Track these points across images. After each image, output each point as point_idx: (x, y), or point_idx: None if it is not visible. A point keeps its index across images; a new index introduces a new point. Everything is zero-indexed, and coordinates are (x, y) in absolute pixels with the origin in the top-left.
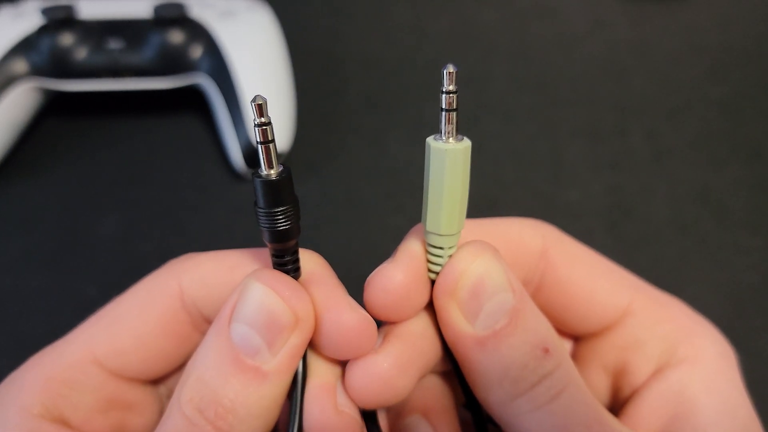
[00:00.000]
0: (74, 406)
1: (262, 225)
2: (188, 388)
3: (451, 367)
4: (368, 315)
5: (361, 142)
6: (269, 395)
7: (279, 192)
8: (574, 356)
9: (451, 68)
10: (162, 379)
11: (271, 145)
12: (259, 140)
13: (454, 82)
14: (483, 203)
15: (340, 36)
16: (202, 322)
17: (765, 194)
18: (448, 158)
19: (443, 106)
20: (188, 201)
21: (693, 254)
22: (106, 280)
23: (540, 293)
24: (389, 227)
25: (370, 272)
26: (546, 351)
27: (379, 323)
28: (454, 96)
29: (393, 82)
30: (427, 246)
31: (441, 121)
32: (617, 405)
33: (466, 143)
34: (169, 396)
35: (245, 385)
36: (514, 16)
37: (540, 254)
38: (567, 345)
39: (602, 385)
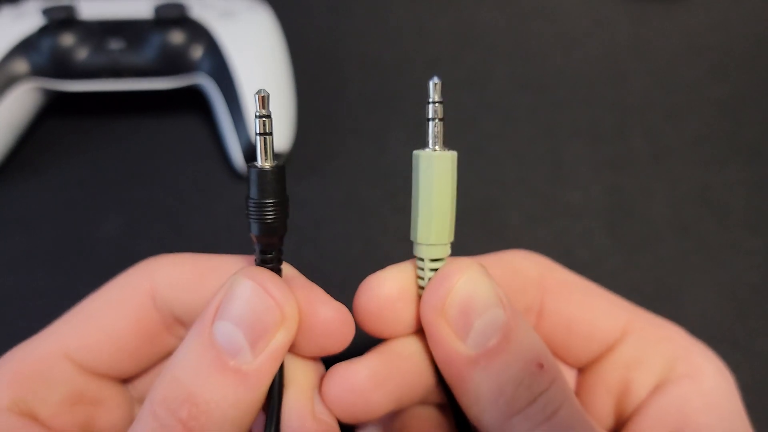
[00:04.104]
0: (43, 400)
1: (252, 216)
2: (162, 388)
3: (445, 398)
4: (344, 307)
5: (361, 142)
6: (246, 399)
7: (271, 183)
8: (579, 386)
9: (436, 80)
10: (133, 379)
11: (268, 138)
12: (258, 131)
13: (439, 93)
14: (483, 204)
15: (340, 36)
16: (174, 324)
17: (765, 194)
18: (423, 163)
19: (429, 116)
20: (188, 201)
21: (693, 255)
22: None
23: (541, 322)
24: (389, 227)
25: (371, 272)
26: (540, 366)
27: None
28: (440, 106)
29: (393, 82)
30: (416, 259)
31: (428, 131)
32: (620, 425)
33: (450, 153)
34: (140, 398)
35: (223, 386)
36: (514, 16)
37: (538, 283)
38: (571, 373)
39: (606, 408)
